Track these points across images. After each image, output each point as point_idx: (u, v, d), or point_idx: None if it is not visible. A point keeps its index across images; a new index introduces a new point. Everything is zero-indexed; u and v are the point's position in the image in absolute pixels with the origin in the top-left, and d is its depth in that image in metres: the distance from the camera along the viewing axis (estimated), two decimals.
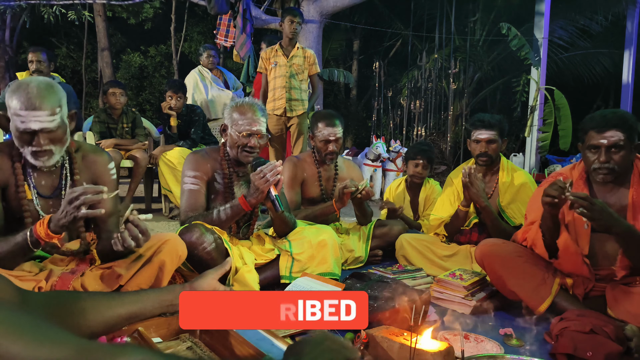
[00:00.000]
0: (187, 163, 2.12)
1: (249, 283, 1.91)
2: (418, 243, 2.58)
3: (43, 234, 1.40)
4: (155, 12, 12.55)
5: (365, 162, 5.98)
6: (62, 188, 1.65)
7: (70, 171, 1.67)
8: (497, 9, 9.83)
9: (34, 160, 1.54)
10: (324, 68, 9.09)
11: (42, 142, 1.50)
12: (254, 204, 1.98)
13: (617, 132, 1.73)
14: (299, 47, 4.05)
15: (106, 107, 4.03)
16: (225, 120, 2.12)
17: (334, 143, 2.66)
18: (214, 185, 2.12)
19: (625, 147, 1.73)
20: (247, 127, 2.04)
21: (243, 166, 2.17)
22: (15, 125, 1.48)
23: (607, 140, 1.74)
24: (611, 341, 1.44)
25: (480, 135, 2.46)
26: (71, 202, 1.37)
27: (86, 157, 1.71)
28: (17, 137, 1.51)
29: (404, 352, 1.27)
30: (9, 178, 1.58)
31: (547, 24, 7.48)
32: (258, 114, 2.07)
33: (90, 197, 1.37)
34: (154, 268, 1.60)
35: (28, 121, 1.46)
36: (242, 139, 2.04)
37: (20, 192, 1.57)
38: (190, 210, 2.04)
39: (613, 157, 1.74)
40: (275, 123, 4.06)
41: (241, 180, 2.18)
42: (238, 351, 1.15)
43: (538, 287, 1.81)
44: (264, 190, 1.92)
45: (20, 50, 11.85)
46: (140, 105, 14.41)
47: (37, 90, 1.47)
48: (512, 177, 2.49)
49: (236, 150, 2.08)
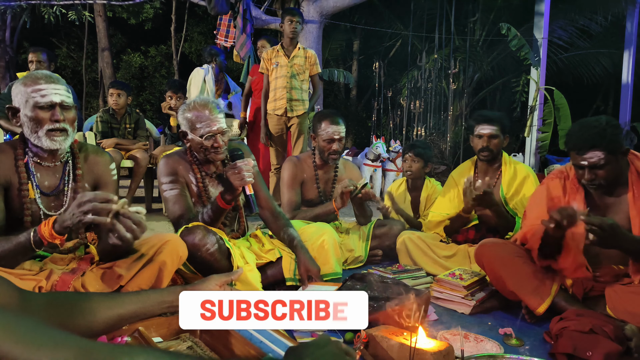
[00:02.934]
0: (161, 169, 2.06)
1: (252, 282, 1.91)
2: (419, 241, 2.58)
3: (47, 234, 1.40)
4: (156, 13, 12.55)
5: (365, 162, 5.99)
6: (64, 185, 1.66)
7: (72, 168, 1.68)
8: (497, 9, 9.83)
9: (49, 142, 1.55)
10: (324, 68, 9.10)
11: (60, 116, 1.54)
12: (230, 200, 1.92)
13: (596, 152, 1.72)
14: (300, 48, 4.06)
15: (109, 107, 4.04)
16: (182, 126, 2.02)
17: (338, 142, 2.64)
18: (190, 186, 2.07)
19: (608, 163, 1.73)
20: (207, 130, 1.94)
21: (213, 164, 2.10)
22: (35, 102, 1.52)
23: (587, 162, 1.75)
24: (611, 341, 1.44)
25: (482, 130, 2.48)
26: (80, 206, 1.36)
27: (88, 157, 1.72)
28: (34, 117, 1.53)
29: (403, 351, 1.28)
30: (11, 177, 1.58)
31: (547, 24, 7.48)
32: (215, 112, 1.96)
33: (99, 205, 1.35)
34: (155, 268, 1.60)
35: (50, 93, 1.53)
36: (206, 141, 1.96)
37: (24, 190, 1.58)
38: (179, 215, 1.99)
39: (597, 174, 1.76)
40: (276, 123, 4.06)
41: (215, 180, 2.12)
42: (238, 351, 1.15)
43: (537, 287, 1.81)
44: (239, 187, 1.87)
45: (20, 51, 11.86)
46: (141, 106, 14.41)
47: (49, 72, 1.59)
48: (515, 170, 2.52)
49: (203, 153, 2.01)
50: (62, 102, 1.55)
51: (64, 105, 1.56)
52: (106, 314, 1.13)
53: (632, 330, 1.53)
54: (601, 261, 1.82)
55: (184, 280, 1.91)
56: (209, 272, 1.77)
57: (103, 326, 1.12)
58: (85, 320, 1.08)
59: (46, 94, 1.52)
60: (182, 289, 1.30)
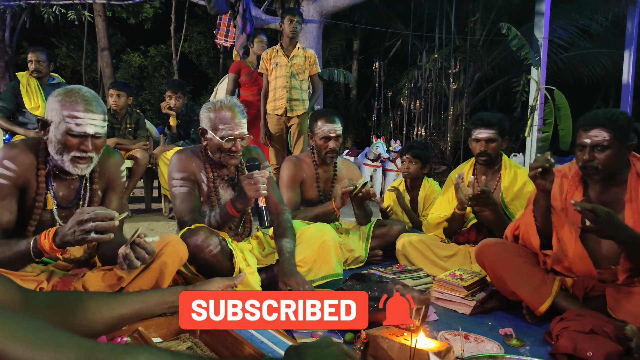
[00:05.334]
0: (173, 164, 2.05)
1: (252, 285, 1.90)
2: (418, 243, 2.58)
3: (47, 247, 1.37)
4: (155, 12, 12.56)
5: (365, 162, 5.99)
6: (79, 199, 1.64)
7: (90, 182, 1.66)
8: (497, 9, 9.83)
9: (71, 167, 1.52)
10: (324, 68, 9.09)
11: (90, 147, 1.50)
12: (241, 209, 1.91)
13: (602, 131, 1.73)
14: (299, 47, 4.06)
15: (109, 107, 4.04)
16: (203, 124, 2.00)
17: (334, 140, 2.64)
18: (201, 186, 2.06)
19: (611, 146, 1.72)
20: (229, 132, 1.93)
21: (226, 168, 2.09)
22: (68, 128, 1.46)
23: (590, 140, 1.75)
24: (611, 341, 1.44)
25: (479, 134, 2.46)
26: (80, 224, 1.32)
27: (101, 159, 1.67)
28: (63, 141, 1.48)
29: (404, 352, 1.27)
30: (30, 181, 1.55)
31: (547, 24, 7.47)
32: (239, 116, 1.95)
33: (102, 224, 1.32)
34: (156, 269, 1.59)
35: (85, 124, 1.47)
36: (226, 144, 1.94)
37: (38, 201, 1.55)
38: (185, 215, 1.99)
39: (597, 156, 1.75)
40: (276, 123, 4.06)
41: (226, 183, 2.11)
42: (238, 351, 1.15)
43: (538, 287, 1.81)
44: (252, 199, 1.85)
45: (20, 50, 11.87)
46: (140, 105, 14.41)
47: (91, 95, 1.51)
48: (515, 173, 2.50)
49: (219, 154, 1.99)
50: (95, 134, 1.51)
51: (97, 135, 1.53)
52: (107, 313, 1.13)
53: (632, 330, 1.53)
54: (600, 262, 1.82)
55: (185, 282, 1.91)
56: (211, 273, 1.77)
57: (104, 326, 1.12)
58: (86, 320, 1.09)
59: (81, 123, 1.47)
60: (184, 289, 1.30)
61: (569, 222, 1.84)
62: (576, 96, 9.85)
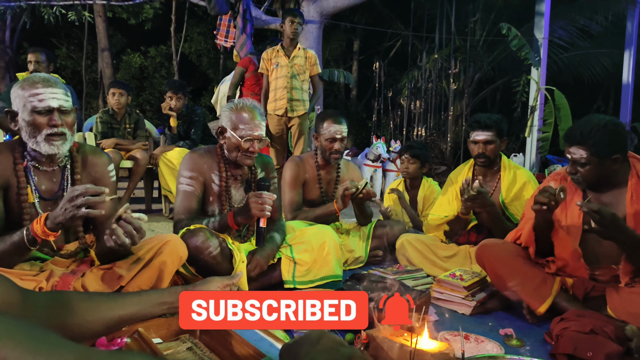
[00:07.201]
0: (184, 162, 2.08)
1: None
2: (418, 243, 2.58)
3: (40, 231, 1.39)
4: (155, 13, 12.56)
5: (366, 163, 5.99)
6: (63, 190, 1.65)
7: (71, 172, 1.67)
8: (497, 9, 9.83)
9: (47, 147, 1.54)
10: (324, 68, 9.09)
11: (59, 121, 1.53)
12: (241, 224, 1.96)
13: (580, 149, 1.75)
14: (300, 48, 4.06)
15: (109, 108, 4.04)
16: (223, 122, 2.05)
17: (340, 142, 2.64)
18: (211, 186, 2.08)
19: (589, 163, 1.74)
20: (249, 133, 1.99)
21: (240, 168, 2.13)
22: (32, 106, 1.50)
23: (570, 156, 1.79)
24: (611, 341, 1.44)
25: (477, 136, 2.46)
26: (71, 201, 1.36)
27: (86, 158, 1.71)
28: (32, 122, 1.52)
29: (404, 352, 1.27)
30: (10, 179, 1.57)
31: (547, 24, 7.48)
32: (259, 118, 2.02)
33: (92, 198, 1.36)
34: (155, 269, 1.59)
35: (47, 98, 1.51)
36: (244, 143, 2.00)
37: (22, 194, 1.56)
38: (182, 213, 2.01)
39: (579, 170, 1.78)
40: (276, 123, 4.06)
41: (238, 183, 2.14)
42: (238, 351, 1.15)
43: (538, 287, 1.81)
44: (255, 217, 1.91)
45: (20, 51, 11.87)
46: (141, 106, 14.42)
47: (48, 76, 1.56)
48: (515, 174, 2.49)
49: (236, 153, 2.04)
50: (60, 107, 1.54)
51: (62, 109, 1.55)
52: (106, 314, 1.13)
53: (632, 330, 1.53)
54: (600, 261, 1.82)
55: (184, 283, 1.91)
56: (210, 274, 1.77)
57: (103, 327, 1.12)
58: (85, 321, 1.08)
59: (44, 98, 1.50)
60: (183, 289, 1.30)
61: (568, 223, 1.84)
62: (576, 96, 9.86)
